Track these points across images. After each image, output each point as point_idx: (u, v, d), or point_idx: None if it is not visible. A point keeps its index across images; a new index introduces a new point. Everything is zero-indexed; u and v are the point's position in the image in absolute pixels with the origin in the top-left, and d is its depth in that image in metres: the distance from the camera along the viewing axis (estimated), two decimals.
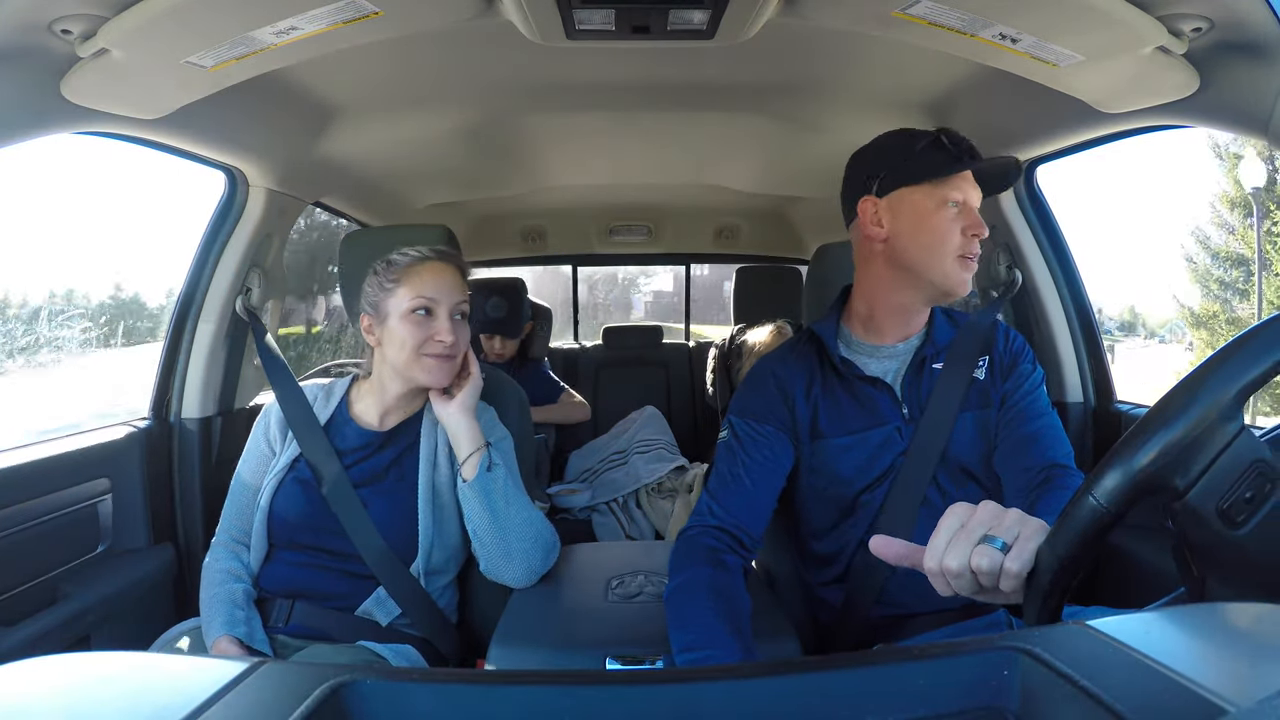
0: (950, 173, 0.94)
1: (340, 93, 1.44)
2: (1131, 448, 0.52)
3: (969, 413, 0.99)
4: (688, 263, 3.24)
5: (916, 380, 1.00)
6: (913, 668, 0.37)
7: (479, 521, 1.05)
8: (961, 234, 0.94)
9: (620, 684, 0.37)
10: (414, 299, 1.05)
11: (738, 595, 0.87)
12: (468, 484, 1.04)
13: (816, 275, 1.27)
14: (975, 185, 0.97)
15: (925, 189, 0.95)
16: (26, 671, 0.35)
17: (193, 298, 1.54)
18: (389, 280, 1.07)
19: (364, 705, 0.34)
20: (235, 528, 1.12)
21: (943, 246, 0.95)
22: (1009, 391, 1.01)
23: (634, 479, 2.27)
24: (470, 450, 1.05)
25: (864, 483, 0.98)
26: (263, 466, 1.13)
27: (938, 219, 0.95)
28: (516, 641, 0.89)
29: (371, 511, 1.06)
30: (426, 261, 1.08)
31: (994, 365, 1.03)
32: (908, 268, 0.98)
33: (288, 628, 1.03)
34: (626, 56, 1.32)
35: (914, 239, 0.96)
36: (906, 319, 1.02)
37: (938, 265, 0.95)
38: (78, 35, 0.89)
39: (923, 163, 0.96)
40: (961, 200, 0.95)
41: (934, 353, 1.02)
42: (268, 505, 1.07)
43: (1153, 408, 0.50)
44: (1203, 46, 0.90)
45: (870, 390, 1.00)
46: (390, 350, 1.08)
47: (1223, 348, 0.54)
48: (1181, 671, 0.31)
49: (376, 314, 1.09)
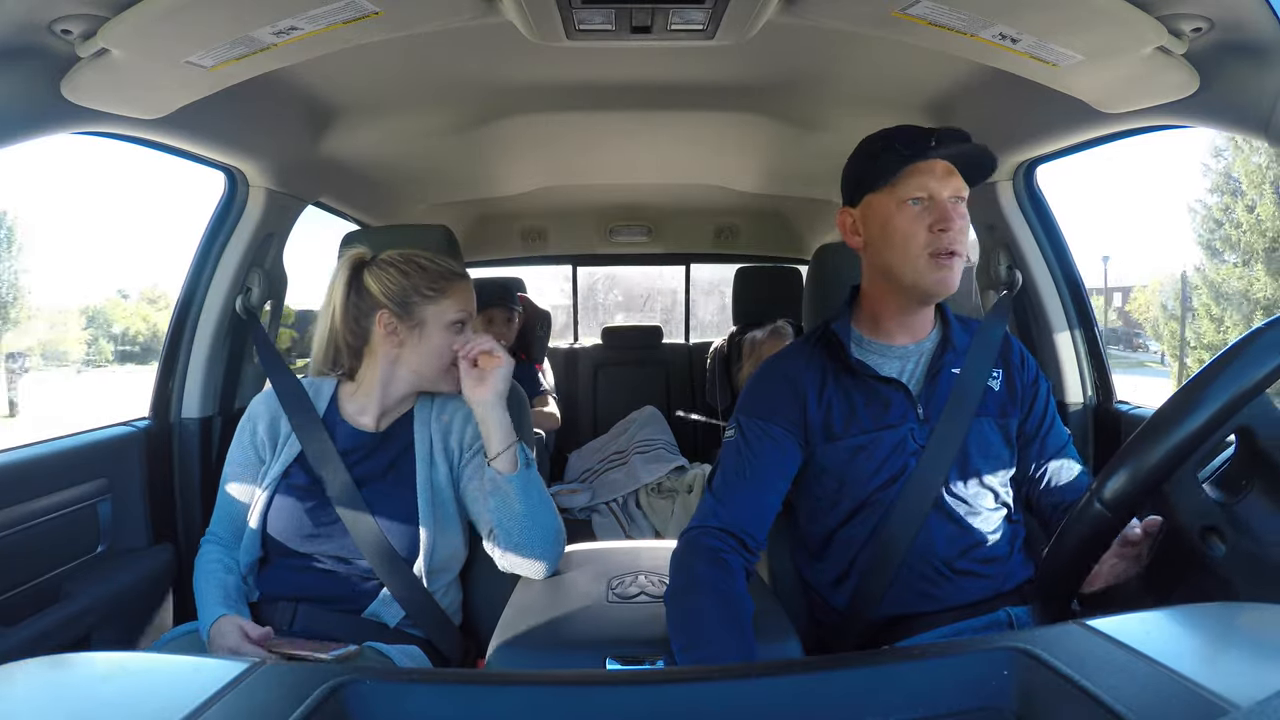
0: (898, 172, 0.94)
1: (340, 93, 1.44)
2: (1137, 453, 0.53)
3: (984, 419, 0.99)
4: (688, 262, 3.24)
5: (933, 382, 1.00)
6: (913, 668, 0.37)
7: (508, 515, 1.04)
8: (928, 231, 0.93)
9: (620, 684, 0.37)
10: (459, 312, 1.09)
11: (739, 597, 0.87)
12: (506, 478, 1.04)
13: (817, 275, 1.27)
14: (944, 177, 0.94)
15: (884, 192, 0.96)
16: (27, 671, 0.35)
17: (193, 297, 1.54)
18: (430, 288, 1.08)
19: (363, 705, 0.34)
20: (225, 532, 1.10)
21: (908, 247, 0.94)
22: (1031, 431, 1.04)
23: (634, 479, 2.27)
24: (506, 444, 1.05)
25: (877, 483, 0.98)
26: (251, 474, 1.10)
27: (899, 220, 0.94)
28: (516, 642, 0.89)
29: (374, 513, 1.05)
30: (465, 279, 1.12)
31: (1010, 380, 1.03)
32: (885, 273, 0.98)
33: (293, 630, 1.03)
34: (626, 56, 1.32)
35: (884, 244, 0.97)
36: (907, 321, 1.01)
37: (909, 267, 0.94)
38: (78, 35, 0.89)
39: (877, 167, 0.96)
40: (925, 196, 0.93)
41: (953, 357, 1.02)
42: (260, 519, 1.06)
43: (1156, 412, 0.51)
44: (1203, 46, 0.90)
45: (885, 390, 0.99)
46: (419, 357, 1.08)
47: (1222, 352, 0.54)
48: (1181, 671, 0.31)
49: (408, 317, 1.08)
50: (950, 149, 0.94)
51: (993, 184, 1.51)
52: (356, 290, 1.10)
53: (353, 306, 1.10)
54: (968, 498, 0.98)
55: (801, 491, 1.03)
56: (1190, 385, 0.59)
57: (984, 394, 1.00)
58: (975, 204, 1.59)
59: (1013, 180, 1.51)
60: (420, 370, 1.09)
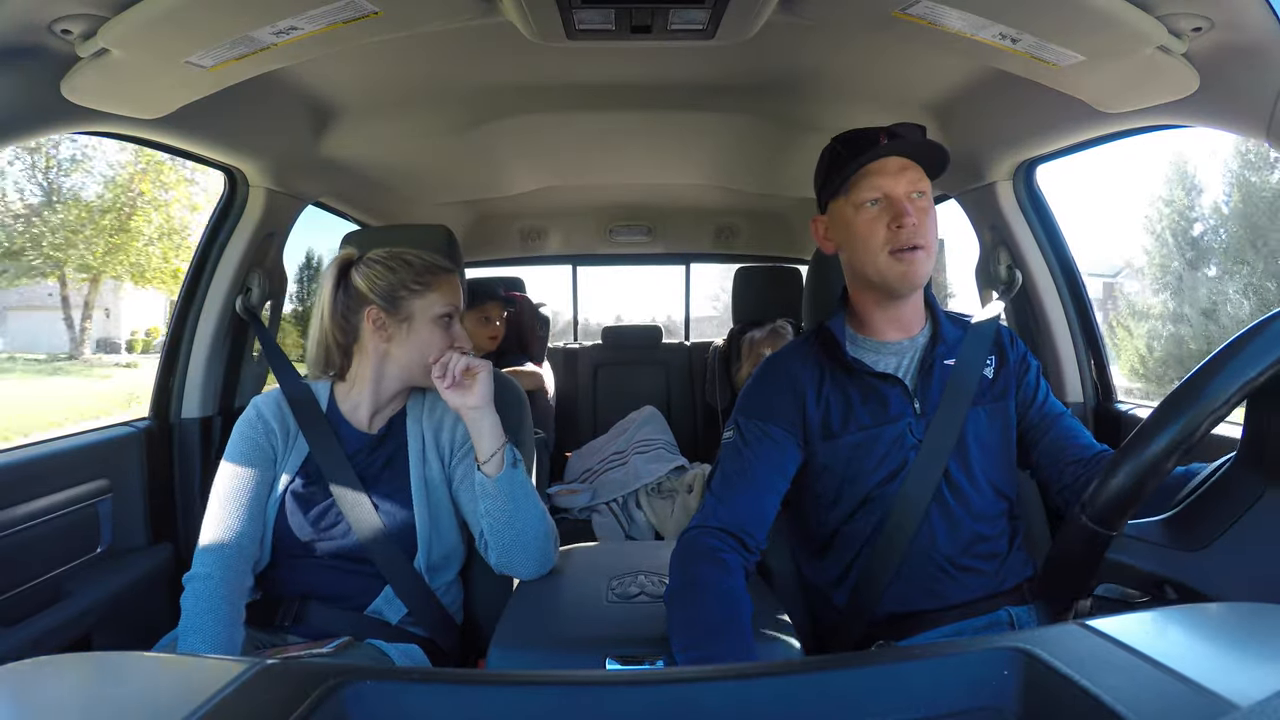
0: (851, 177, 0.96)
1: (340, 93, 1.44)
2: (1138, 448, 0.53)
3: (980, 407, 1.00)
4: (688, 262, 3.24)
5: (928, 376, 1.00)
6: (913, 668, 0.37)
7: (497, 516, 1.04)
8: (887, 229, 0.94)
9: (620, 684, 0.37)
10: (446, 305, 1.09)
11: (739, 597, 0.87)
12: (492, 480, 1.04)
13: (817, 274, 1.27)
14: (898, 173, 0.95)
15: (843, 198, 0.99)
16: (27, 671, 0.35)
17: (193, 297, 1.54)
18: (417, 282, 1.07)
19: (363, 705, 0.34)
20: (232, 537, 1.01)
21: (868, 247, 0.96)
22: (1027, 399, 1.04)
23: (634, 479, 2.26)
24: (495, 447, 1.05)
25: (877, 479, 0.98)
26: (261, 475, 1.05)
27: (858, 222, 0.97)
28: (516, 642, 0.89)
29: (377, 512, 1.06)
30: (451, 273, 1.11)
31: (1003, 366, 1.04)
32: (855, 272, 1.01)
33: (298, 627, 1.03)
34: (626, 56, 1.32)
35: (850, 246, 1.00)
36: (892, 318, 1.02)
37: (871, 265, 0.96)
38: (78, 35, 0.89)
39: (833, 174, 0.99)
40: (880, 196, 0.95)
41: (945, 350, 1.02)
42: (274, 523, 1.05)
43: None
44: (1202, 46, 0.90)
45: (882, 386, 1.00)
46: (407, 351, 1.08)
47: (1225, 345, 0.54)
48: (1181, 671, 0.31)
49: (396, 311, 1.07)
50: (900, 144, 0.95)
51: (993, 184, 1.52)
52: (345, 289, 1.10)
53: (341, 305, 1.10)
54: (967, 490, 0.98)
55: (802, 490, 1.03)
56: (1171, 397, 0.58)
57: (980, 383, 1.01)
58: (975, 204, 1.60)
59: (1013, 180, 1.51)
60: (409, 365, 1.09)
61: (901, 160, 0.95)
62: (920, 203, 0.95)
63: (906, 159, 0.96)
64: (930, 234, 0.96)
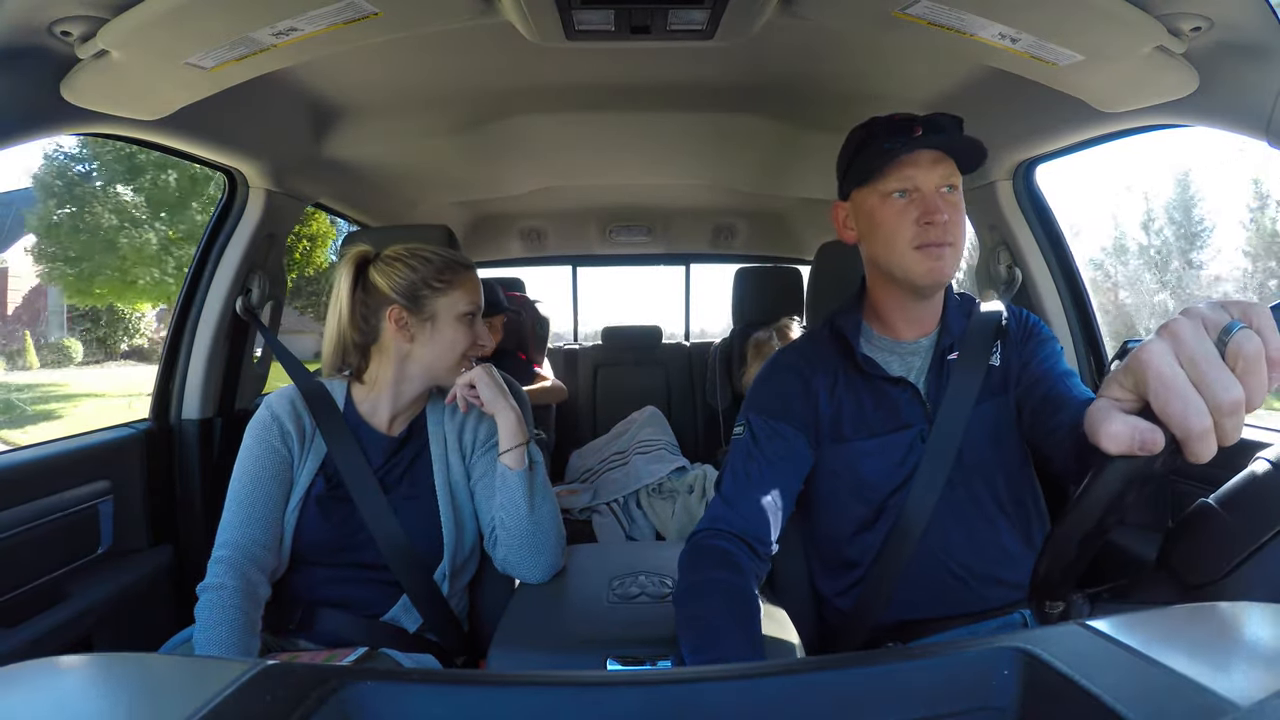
0: (882, 166, 0.90)
1: (340, 94, 1.44)
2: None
3: (985, 403, 0.95)
4: (687, 262, 3.24)
5: (939, 377, 0.97)
6: (913, 667, 0.37)
7: (512, 513, 1.03)
8: (915, 223, 0.89)
9: (621, 685, 0.37)
10: (469, 303, 1.07)
11: (749, 598, 0.84)
12: (514, 473, 1.03)
13: (820, 273, 1.27)
14: (930, 166, 0.90)
15: (870, 187, 0.93)
16: (27, 673, 0.35)
17: (193, 299, 1.54)
18: (439, 280, 1.05)
19: (364, 706, 0.34)
20: (248, 545, 0.98)
21: (895, 240, 0.91)
22: (1028, 359, 0.96)
23: (634, 479, 2.26)
24: (519, 440, 1.04)
25: (890, 487, 0.95)
26: (279, 477, 1.02)
27: (884, 214, 0.92)
28: (517, 642, 0.89)
29: (399, 518, 1.04)
30: (471, 269, 1.10)
31: (1008, 346, 0.99)
32: (877, 266, 0.97)
33: (306, 633, 1.01)
34: (626, 56, 1.32)
35: (873, 237, 0.95)
36: (911, 315, 0.98)
37: (897, 260, 0.92)
38: (77, 37, 0.89)
39: (862, 161, 0.93)
40: (910, 188, 0.90)
41: (949, 344, 0.98)
42: (294, 529, 1.02)
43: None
44: (1202, 46, 0.90)
45: (894, 391, 0.96)
46: (432, 350, 1.06)
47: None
48: (1182, 671, 0.31)
49: (419, 310, 1.05)
50: (936, 139, 0.90)
51: (993, 183, 1.52)
52: (363, 287, 1.07)
53: (360, 304, 1.06)
54: (974, 488, 0.94)
55: (814, 495, 1.00)
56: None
57: (986, 376, 0.95)
58: (975, 203, 1.59)
59: (1012, 179, 1.51)
60: (433, 365, 1.07)
61: (934, 153, 0.90)
62: (950, 197, 0.90)
63: (939, 152, 0.90)
64: (960, 231, 0.91)
